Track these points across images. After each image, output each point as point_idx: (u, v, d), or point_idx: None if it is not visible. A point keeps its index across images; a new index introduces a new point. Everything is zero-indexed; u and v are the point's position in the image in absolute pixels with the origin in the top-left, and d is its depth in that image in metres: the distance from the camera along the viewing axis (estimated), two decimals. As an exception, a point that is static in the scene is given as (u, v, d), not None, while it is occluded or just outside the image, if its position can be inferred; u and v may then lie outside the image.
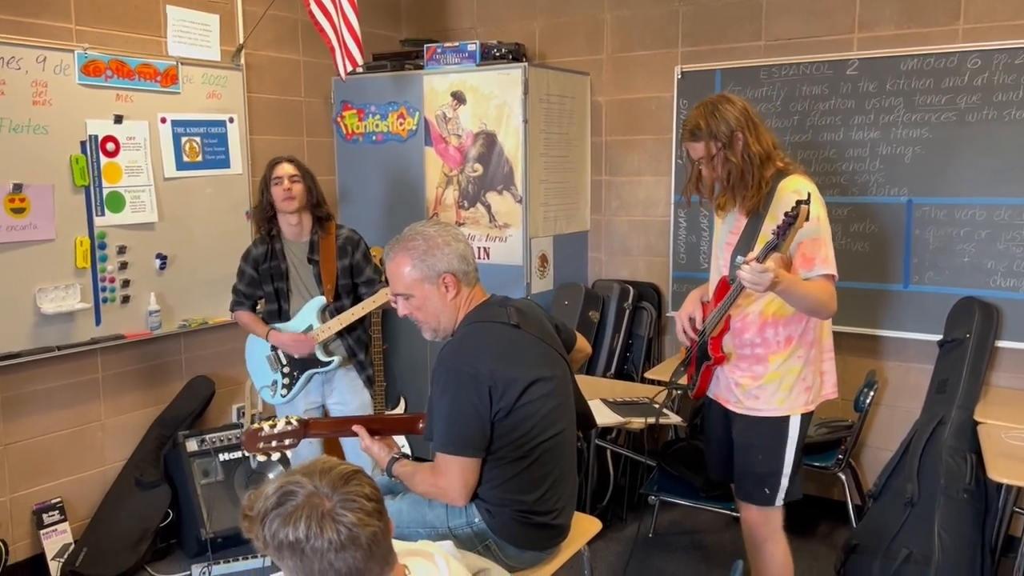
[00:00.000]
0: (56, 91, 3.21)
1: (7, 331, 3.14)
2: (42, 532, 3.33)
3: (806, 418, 2.49)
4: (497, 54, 3.92)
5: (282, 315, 3.18)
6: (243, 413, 4.02)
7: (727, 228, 2.53)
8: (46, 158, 3.22)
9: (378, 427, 2.20)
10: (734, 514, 3.07)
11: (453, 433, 1.99)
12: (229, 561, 3.42)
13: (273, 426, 2.14)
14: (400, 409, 4.28)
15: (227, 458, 3.62)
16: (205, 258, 3.80)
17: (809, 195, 2.18)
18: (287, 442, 2.15)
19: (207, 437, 3.63)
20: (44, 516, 3.35)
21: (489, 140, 3.93)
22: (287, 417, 2.17)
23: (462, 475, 2.01)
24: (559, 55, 4.37)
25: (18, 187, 3.13)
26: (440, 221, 2.15)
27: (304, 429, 2.18)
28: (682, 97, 3.99)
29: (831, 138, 3.67)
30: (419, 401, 4.30)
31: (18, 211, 3.15)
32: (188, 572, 3.39)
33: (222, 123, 3.83)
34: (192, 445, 3.58)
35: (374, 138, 4.26)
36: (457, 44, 3.99)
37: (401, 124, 4.16)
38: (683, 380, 2.75)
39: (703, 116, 2.37)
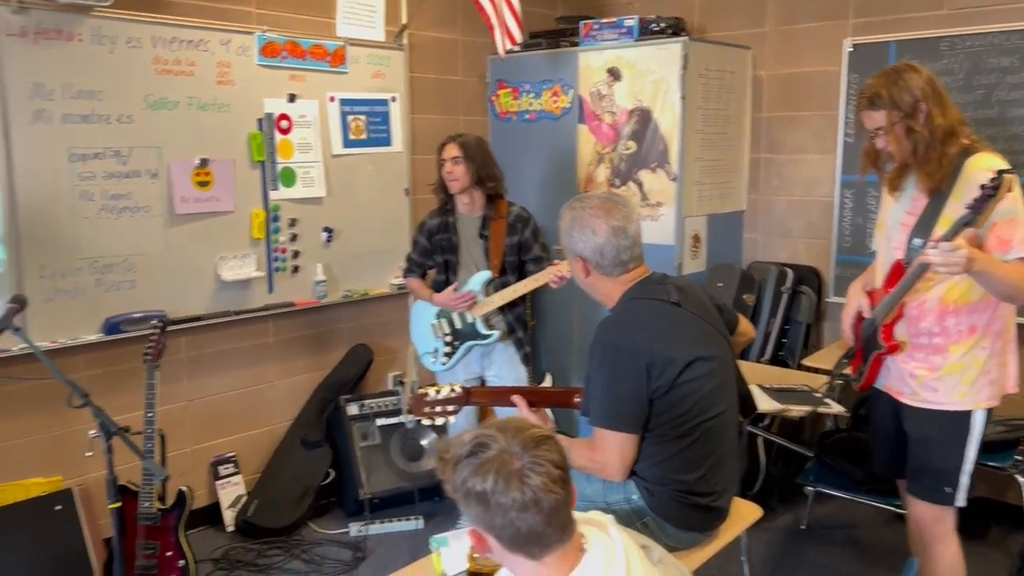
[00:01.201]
0: (238, 71, 3.43)
1: (193, 296, 3.40)
2: (218, 483, 3.61)
3: (989, 414, 2.32)
4: (656, 29, 3.85)
5: (448, 286, 3.27)
6: (399, 381, 4.19)
7: (902, 208, 2.38)
8: (227, 135, 3.45)
9: (535, 399, 2.23)
10: (897, 510, 2.92)
11: (612, 408, 1.99)
12: (384, 522, 3.59)
13: (438, 391, 2.21)
14: (547, 385, 4.32)
15: (384, 423, 3.78)
16: (367, 232, 3.96)
17: (1009, 170, 2.02)
18: (450, 408, 2.22)
19: (366, 402, 3.80)
20: (220, 468, 3.62)
21: (644, 117, 3.87)
22: (451, 384, 2.24)
23: (620, 450, 2.01)
24: (718, 29, 4.24)
25: (204, 162, 3.38)
26: (612, 197, 2.13)
27: (466, 396, 2.24)
28: (852, 71, 3.78)
29: (1020, 114, 3.38)
30: (564, 378, 4.33)
31: (203, 184, 3.39)
32: (346, 529, 3.58)
33: (385, 102, 3.97)
34: (352, 409, 3.77)
35: (527, 116, 4.29)
36: (614, 19, 3.94)
37: (555, 102, 4.17)
38: (847, 371, 2.62)
39: (885, 84, 2.23)
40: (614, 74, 3.94)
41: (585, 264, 2.10)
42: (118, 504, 2.23)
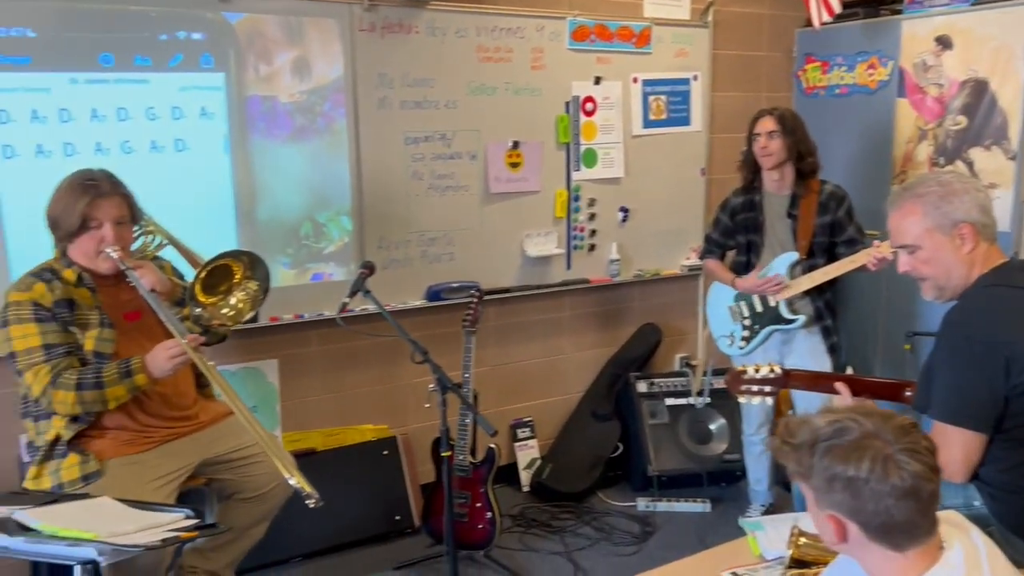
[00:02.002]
0: (549, 56, 3.59)
1: (502, 269, 3.64)
2: (516, 444, 3.84)
3: None
4: (997, -10, 3.44)
5: (749, 268, 3.20)
6: (687, 363, 4.18)
7: None
8: (537, 118, 3.63)
9: (861, 389, 2.11)
10: None
11: (959, 404, 1.84)
12: (672, 500, 3.61)
13: (757, 370, 2.18)
14: (846, 377, 4.08)
15: (673, 403, 3.79)
16: (660, 213, 3.98)
17: None
18: (768, 388, 2.17)
19: (656, 381, 3.84)
20: (518, 431, 3.86)
21: (978, 88, 3.48)
22: (770, 364, 2.19)
23: (964, 450, 1.85)
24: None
25: (516, 144, 3.58)
26: (955, 171, 1.96)
27: (785, 378, 2.18)
28: None
29: None
30: (866, 373, 4.05)
31: (514, 165, 3.60)
32: (634, 503, 3.65)
33: (686, 81, 3.94)
34: (642, 386, 3.82)
35: (837, 91, 4.04)
36: (946, -18, 3.58)
37: (871, 75, 3.88)
38: None
39: None
40: (943, 43, 3.58)
41: (972, 228, 1.88)
42: (448, 453, 2.45)
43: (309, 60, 3.11)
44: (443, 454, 2.44)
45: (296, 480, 2.10)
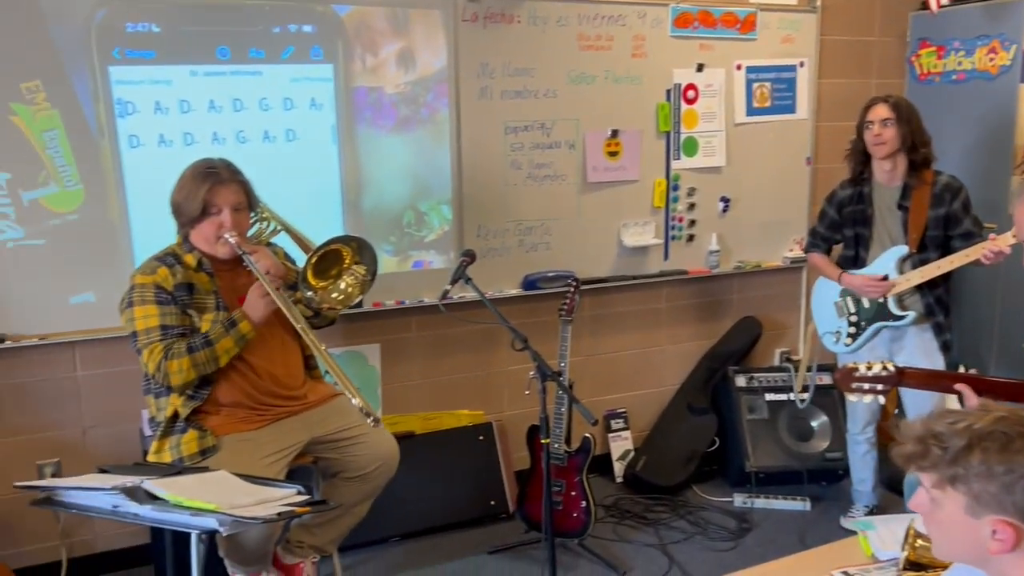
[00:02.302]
0: (651, 44, 3.54)
1: (598, 259, 3.63)
2: (609, 435, 3.83)
3: None
4: None
5: (857, 262, 3.10)
6: (787, 358, 4.08)
7: None
8: (637, 106, 3.59)
9: (984, 388, 2.01)
10: None
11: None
12: (770, 497, 3.54)
13: (869, 368, 2.11)
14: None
15: (773, 399, 3.71)
16: (763, 203, 3.89)
17: None
18: (879, 387, 2.10)
19: (755, 375, 3.76)
20: (611, 422, 3.85)
21: (1114, 73, 3.26)
22: (883, 362, 2.11)
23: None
24: None
25: (615, 133, 3.56)
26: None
27: (898, 376, 2.10)
28: None
29: None
30: (979, 371, 3.86)
31: (613, 154, 3.58)
32: (730, 499, 3.59)
33: (792, 68, 3.83)
34: (740, 381, 3.75)
35: (954, 77, 3.85)
36: (1080, -41, 3.36)
37: (991, 60, 3.68)
38: None
39: None
40: (1075, 23, 3.37)
41: None
42: (547, 440, 2.47)
43: (413, 51, 3.16)
44: (543, 441, 2.45)
45: (358, 401, 2.18)
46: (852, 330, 3.13)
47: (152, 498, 1.80)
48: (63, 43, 2.69)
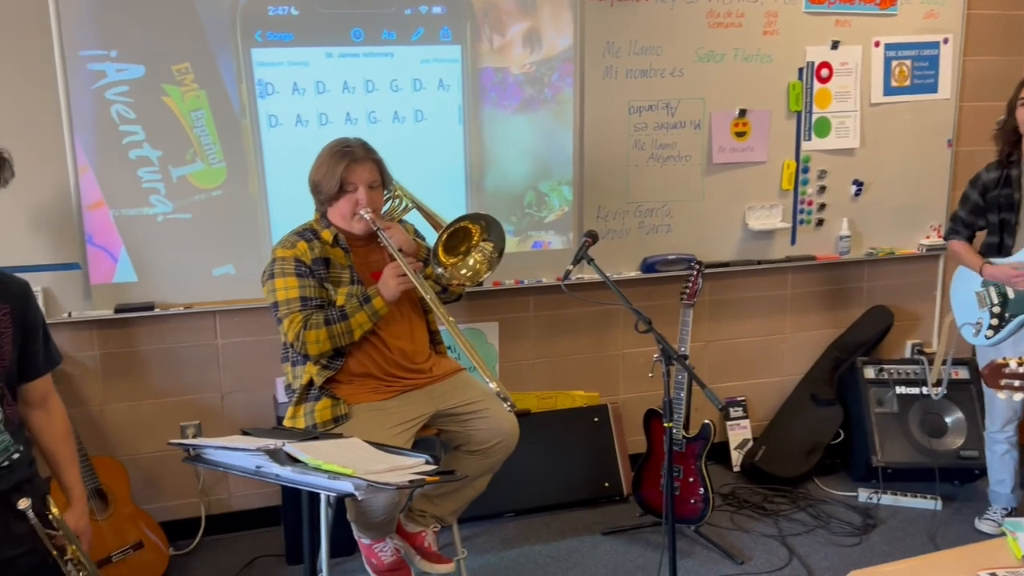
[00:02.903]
0: (784, 20, 3.42)
1: (721, 242, 3.55)
2: (727, 423, 3.76)
3: None
4: None
5: (1002, 250, 2.91)
6: (919, 351, 3.88)
7: None
8: (767, 85, 3.48)
9: None
10: None
11: None
12: (897, 494, 3.39)
13: (1020, 363, 1.98)
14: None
15: (904, 392, 3.54)
16: (899, 187, 3.70)
17: None
18: (1033, 384, 1.97)
19: (885, 367, 3.60)
20: (730, 410, 3.77)
21: None
22: (1039, 357, 1.98)
23: None
24: None
25: (743, 112, 3.46)
26: None
27: (1058, 373, 1.96)
28: None
29: None
30: None
31: (740, 135, 3.48)
32: (854, 493, 3.46)
33: (935, 45, 3.62)
34: (869, 372, 3.60)
35: (1121, 52, 3.55)
36: None
37: None
38: None
39: None
40: None
41: None
42: (670, 424, 2.44)
43: (540, 31, 3.16)
44: (666, 424, 2.43)
45: (495, 385, 2.21)
46: (994, 322, 2.94)
47: (292, 461, 1.88)
48: (211, 26, 2.84)
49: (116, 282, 2.89)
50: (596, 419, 3.52)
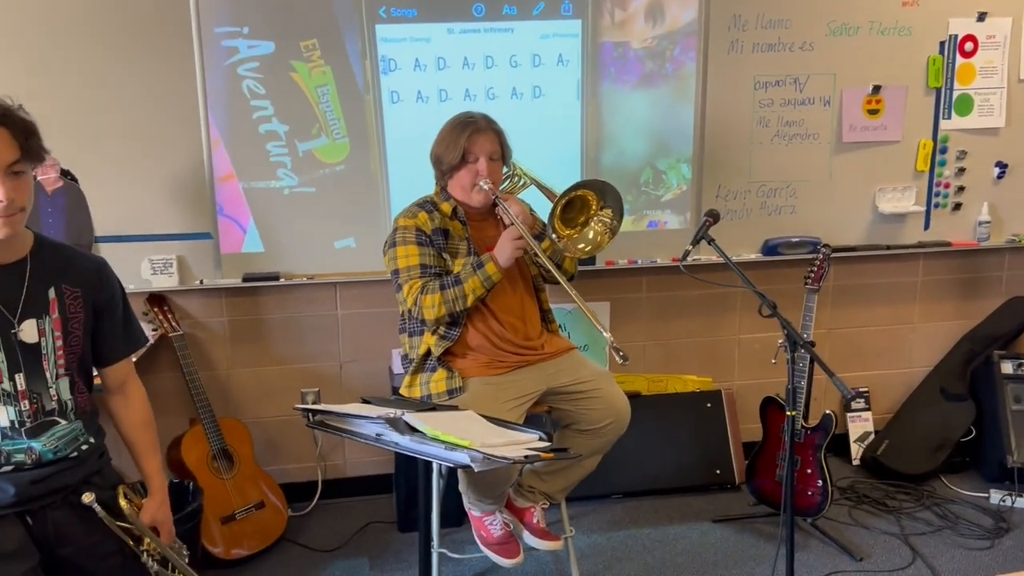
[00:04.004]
0: (926, -10, 3.22)
1: (848, 226, 3.39)
2: (848, 415, 3.60)
3: None
4: None
5: None
6: (1065, 346, 3.62)
7: None
8: (904, 60, 3.28)
9: None
10: None
11: None
12: (1035, 498, 3.18)
13: None
14: None
15: (1046, 390, 3.31)
16: (1049, 169, 3.44)
17: None
18: None
19: (1025, 362, 3.37)
20: (851, 402, 3.61)
21: None
22: None
23: None
24: None
25: (876, 88, 3.28)
26: None
27: None
28: None
29: None
30: None
31: (873, 112, 3.30)
32: (985, 495, 3.26)
33: (1099, 13, 3.32)
34: (1007, 367, 3.37)
35: None
36: None
37: None
38: None
39: None
40: None
41: None
42: (792, 412, 2.36)
43: (663, 4, 3.08)
44: (788, 413, 2.34)
45: (609, 336, 2.19)
46: None
47: (411, 430, 1.91)
48: (338, 2, 2.89)
49: (244, 252, 3.01)
50: (709, 404, 3.44)
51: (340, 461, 3.35)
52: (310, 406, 2.07)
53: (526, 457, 1.91)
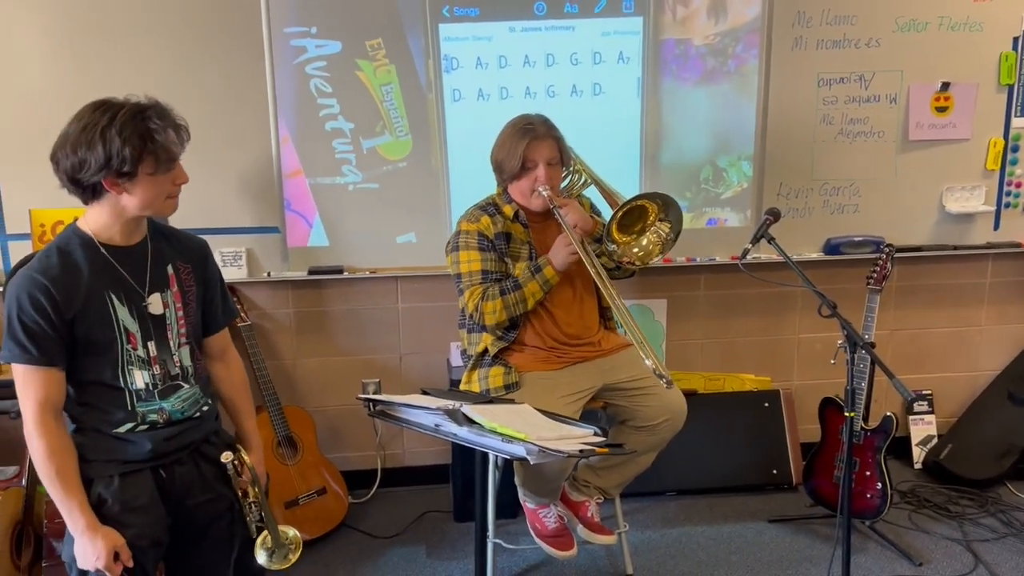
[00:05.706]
0: (1000, -16, 3.13)
1: (914, 225, 3.32)
2: (910, 418, 3.54)
3: None
4: None
5: None
6: None
7: None
8: (975, 56, 3.20)
9: None
10: None
11: None
12: (1107, 508, 3.08)
13: None
14: None
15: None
16: None
17: None
18: None
19: (1100, 368, 3.26)
20: (914, 404, 3.54)
21: None
22: None
23: None
24: None
25: (945, 85, 3.20)
26: None
27: None
28: None
29: None
30: None
31: (941, 109, 3.23)
32: (1054, 503, 3.18)
33: None
34: (1080, 373, 3.27)
35: None
36: None
37: None
38: None
39: None
40: None
41: None
42: (852, 413, 2.33)
43: (726, 1, 3.06)
44: (847, 414, 2.32)
45: (651, 362, 2.17)
46: None
47: (469, 422, 1.96)
48: (403, 2, 2.95)
49: (310, 246, 3.10)
50: (766, 404, 3.42)
51: (399, 451, 3.43)
52: (372, 396, 2.14)
53: (581, 451, 1.94)
